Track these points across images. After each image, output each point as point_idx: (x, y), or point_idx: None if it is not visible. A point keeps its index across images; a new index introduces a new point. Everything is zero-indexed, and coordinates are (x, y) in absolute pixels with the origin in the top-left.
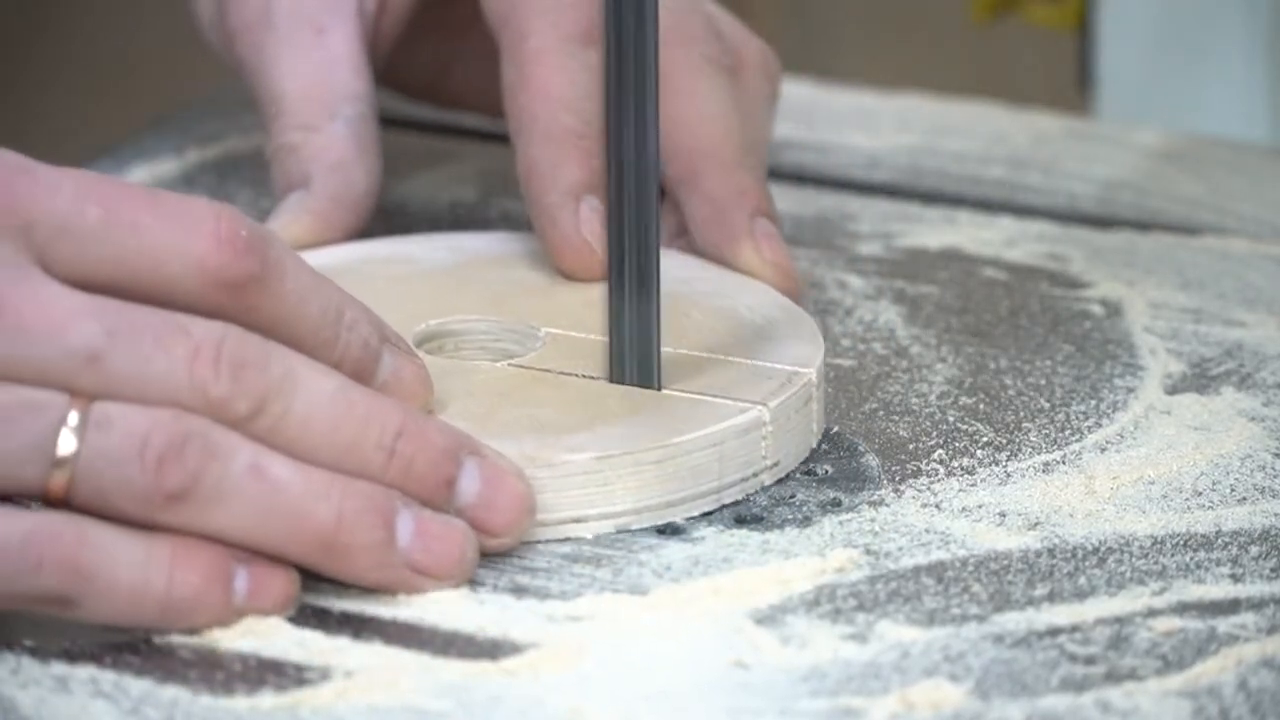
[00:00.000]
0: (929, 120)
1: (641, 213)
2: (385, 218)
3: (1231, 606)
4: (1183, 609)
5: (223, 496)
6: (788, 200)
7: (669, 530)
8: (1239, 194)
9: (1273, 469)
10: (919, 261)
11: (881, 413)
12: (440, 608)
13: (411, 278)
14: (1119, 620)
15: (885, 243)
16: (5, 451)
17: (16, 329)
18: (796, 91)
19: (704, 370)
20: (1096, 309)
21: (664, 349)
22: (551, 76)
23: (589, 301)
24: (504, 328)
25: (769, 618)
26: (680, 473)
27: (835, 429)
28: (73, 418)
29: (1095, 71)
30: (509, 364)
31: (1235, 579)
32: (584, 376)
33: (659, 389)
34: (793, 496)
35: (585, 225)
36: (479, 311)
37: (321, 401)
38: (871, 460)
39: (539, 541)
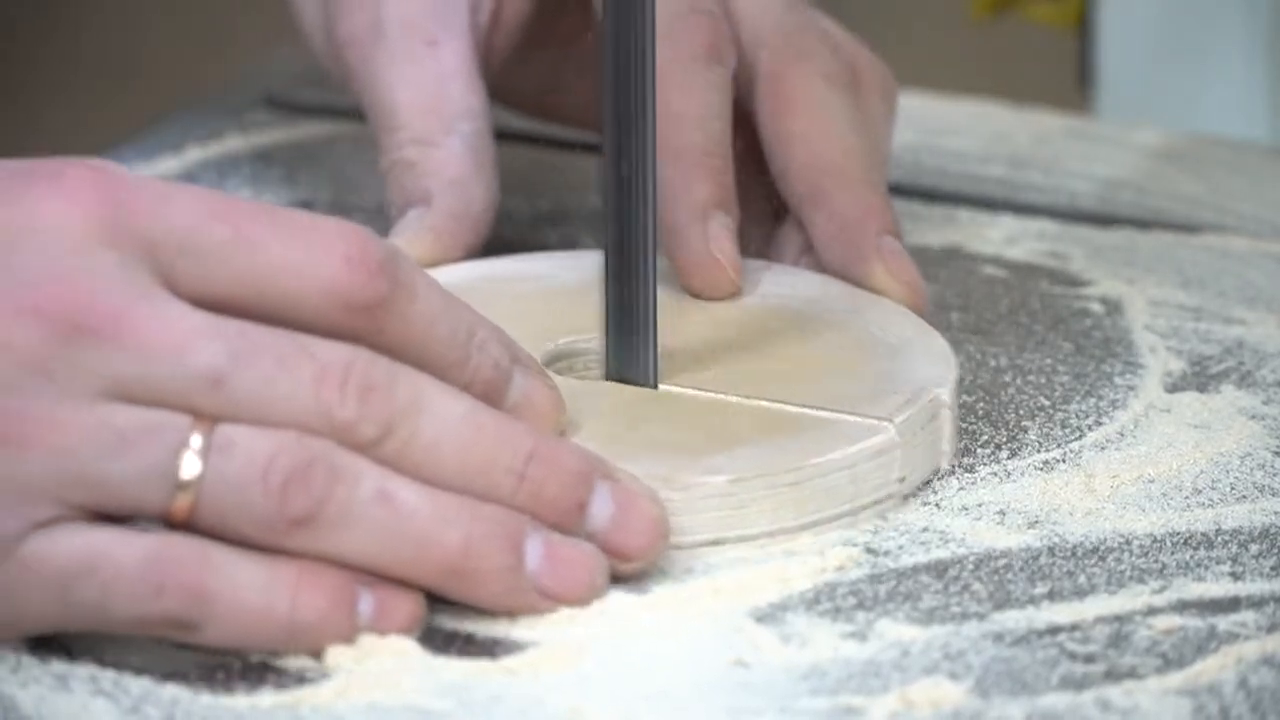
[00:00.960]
0: (929, 119)
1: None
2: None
3: (1231, 605)
4: (1183, 607)
5: (348, 521)
6: None
7: None
8: (1239, 193)
9: (1273, 467)
10: (919, 260)
11: None
12: (441, 607)
13: (538, 296)
14: (1119, 619)
15: None
16: (128, 473)
17: (139, 348)
18: None
19: (836, 388)
20: (1097, 307)
21: (791, 367)
22: (676, 95)
23: (717, 320)
24: None
25: (769, 616)
26: (815, 495)
27: None
28: (196, 440)
29: (1095, 71)
30: (634, 385)
31: (1235, 577)
32: (714, 395)
33: (655, 386)
34: None
35: (715, 242)
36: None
37: (450, 425)
38: None
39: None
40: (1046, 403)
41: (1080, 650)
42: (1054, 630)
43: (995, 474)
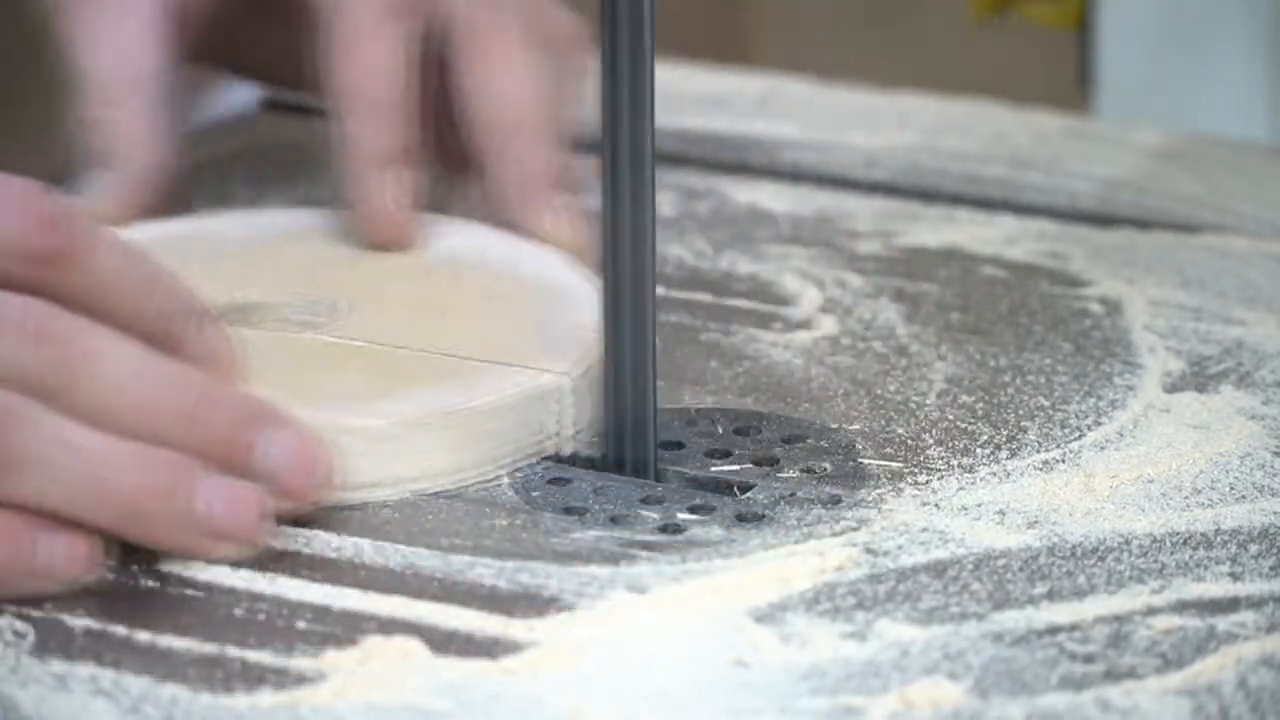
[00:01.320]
0: (929, 119)
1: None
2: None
3: (1231, 605)
4: (1182, 607)
5: (26, 465)
6: (787, 199)
7: (669, 529)
8: (1239, 193)
9: (1272, 467)
10: (919, 260)
11: (881, 411)
12: (440, 607)
13: (217, 254)
14: (1118, 619)
15: (885, 241)
16: None
17: None
18: (796, 91)
19: (502, 340)
20: (1096, 307)
21: (466, 322)
22: (365, 48)
23: (393, 273)
24: (309, 301)
25: (769, 616)
26: (479, 439)
27: (835, 426)
28: None
29: (1095, 71)
30: (313, 336)
31: (1234, 577)
32: (388, 345)
33: (654, 408)
34: (792, 495)
35: (391, 195)
36: (284, 285)
37: (125, 372)
38: (871, 459)
39: (344, 507)
40: (1046, 403)
41: (1080, 650)
42: (1054, 630)
43: (995, 474)
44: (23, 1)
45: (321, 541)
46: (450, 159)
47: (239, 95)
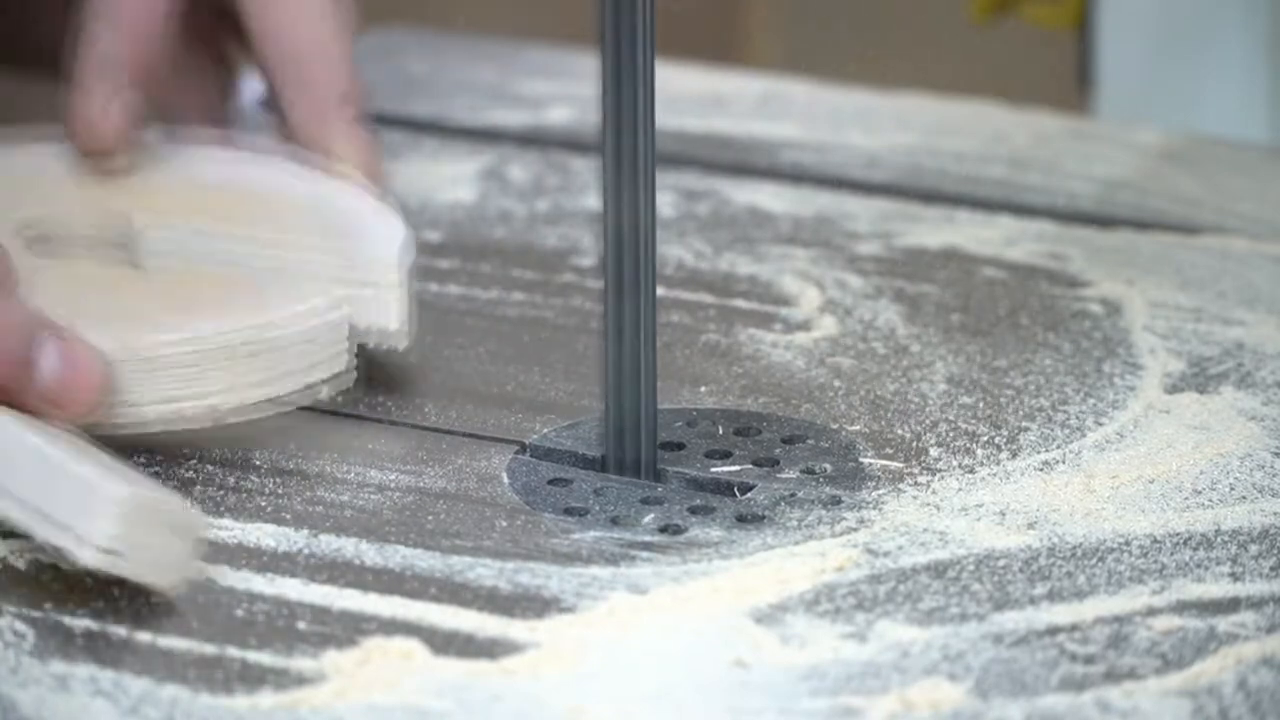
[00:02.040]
0: (929, 120)
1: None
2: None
3: (1231, 605)
4: (1182, 608)
5: None
6: (787, 200)
7: (670, 529)
8: (1239, 193)
9: (1272, 468)
10: (919, 261)
11: (881, 412)
12: (440, 607)
13: (12, 178)
14: (1118, 619)
15: (885, 242)
16: None
17: None
18: (796, 91)
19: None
20: (1096, 308)
21: (264, 236)
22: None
23: (185, 203)
24: (104, 225)
25: (769, 617)
26: (271, 362)
27: (835, 427)
28: None
29: (1095, 71)
30: (106, 258)
31: (1235, 578)
32: (183, 268)
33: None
34: (793, 495)
35: (111, 107)
36: (81, 210)
37: None
38: (871, 459)
39: (127, 428)
40: (1046, 403)
41: (1080, 651)
42: (1054, 631)
43: (995, 474)
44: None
45: (322, 542)
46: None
47: None
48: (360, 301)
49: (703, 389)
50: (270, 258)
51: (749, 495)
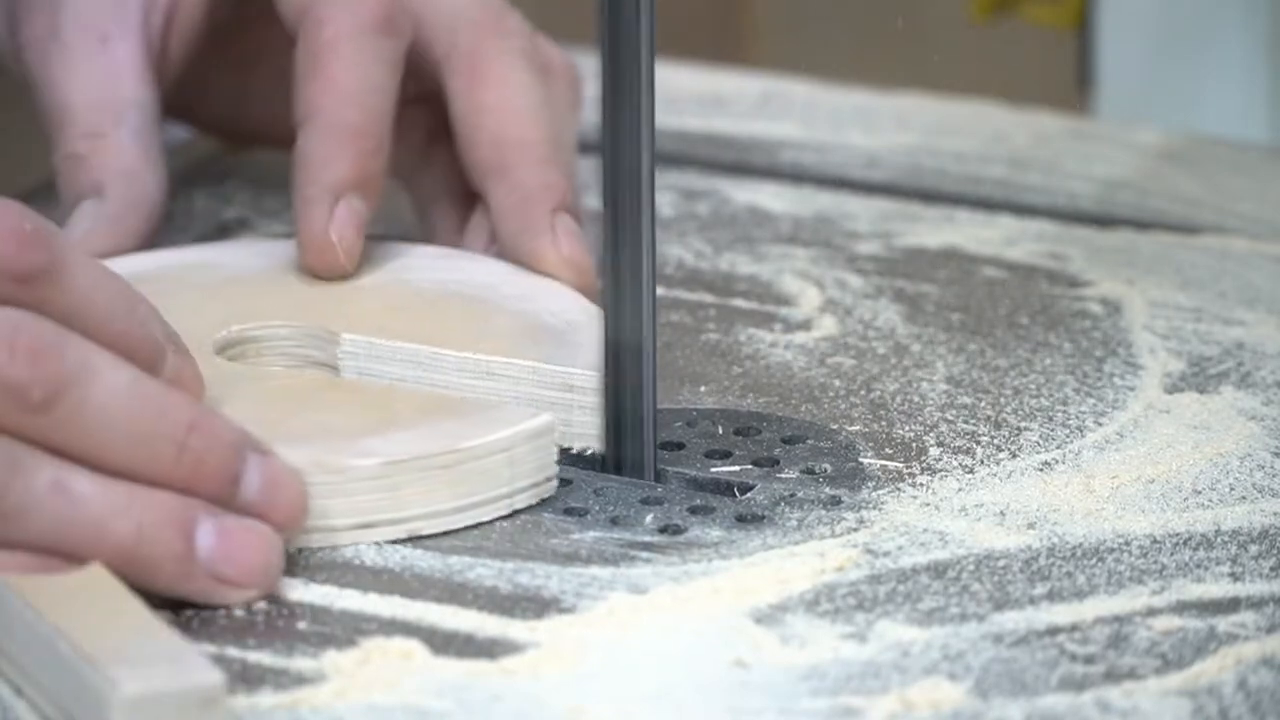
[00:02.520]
0: (929, 120)
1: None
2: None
3: (1231, 605)
4: (1182, 608)
5: (25, 512)
6: (787, 199)
7: (669, 529)
8: (1239, 193)
9: (1272, 468)
10: (918, 261)
11: (881, 412)
12: (440, 607)
13: (216, 284)
14: (1118, 619)
15: (885, 242)
16: None
17: None
18: (796, 91)
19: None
20: (1096, 308)
21: (463, 354)
22: (343, 67)
23: (390, 307)
24: (305, 333)
25: (769, 617)
26: (470, 478)
27: (835, 427)
28: None
29: (1095, 71)
30: (305, 369)
31: (1235, 578)
32: (379, 381)
33: (654, 408)
34: (792, 495)
35: (336, 224)
36: (282, 317)
37: (118, 392)
38: (871, 459)
39: (330, 548)
40: (1046, 403)
41: (1080, 651)
42: (1054, 631)
43: (995, 474)
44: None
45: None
46: (442, 190)
47: None
48: (562, 409)
49: (703, 389)
50: (472, 368)
51: (749, 495)
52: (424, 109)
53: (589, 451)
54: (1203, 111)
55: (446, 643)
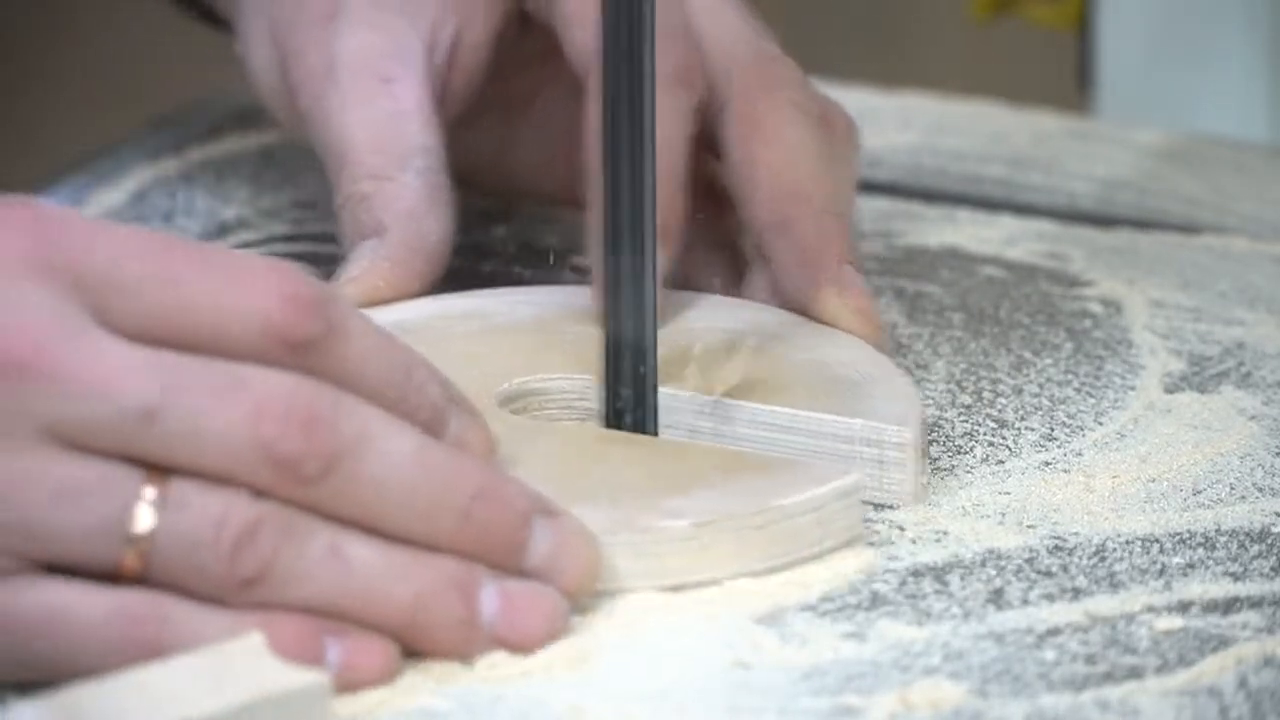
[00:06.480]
0: (929, 119)
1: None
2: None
3: (1231, 605)
4: (1182, 608)
5: (299, 579)
6: None
7: None
8: (1239, 193)
9: (1272, 468)
10: (919, 260)
11: None
12: None
13: (491, 334)
14: (1118, 619)
15: (885, 241)
16: (77, 527)
17: (70, 384)
18: None
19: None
20: (1096, 308)
21: (762, 406)
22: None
23: (679, 358)
24: (589, 385)
25: (769, 617)
26: (781, 537)
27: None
28: (149, 493)
29: (1095, 71)
30: (594, 423)
31: (1235, 578)
32: (672, 437)
33: (655, 433)
34: None
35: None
36: (563, 369)
37: (395, 463)
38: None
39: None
40: (1047, 403)
41: (1080, 650)
42: (1054, 630)
43: (995, 474)
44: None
45: None
46: (720, 244)
47: None
48: (868, 464)
49: None
50: (773, 423)
51: None
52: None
53: (903, 496)
54: (1203, 111)
55: None
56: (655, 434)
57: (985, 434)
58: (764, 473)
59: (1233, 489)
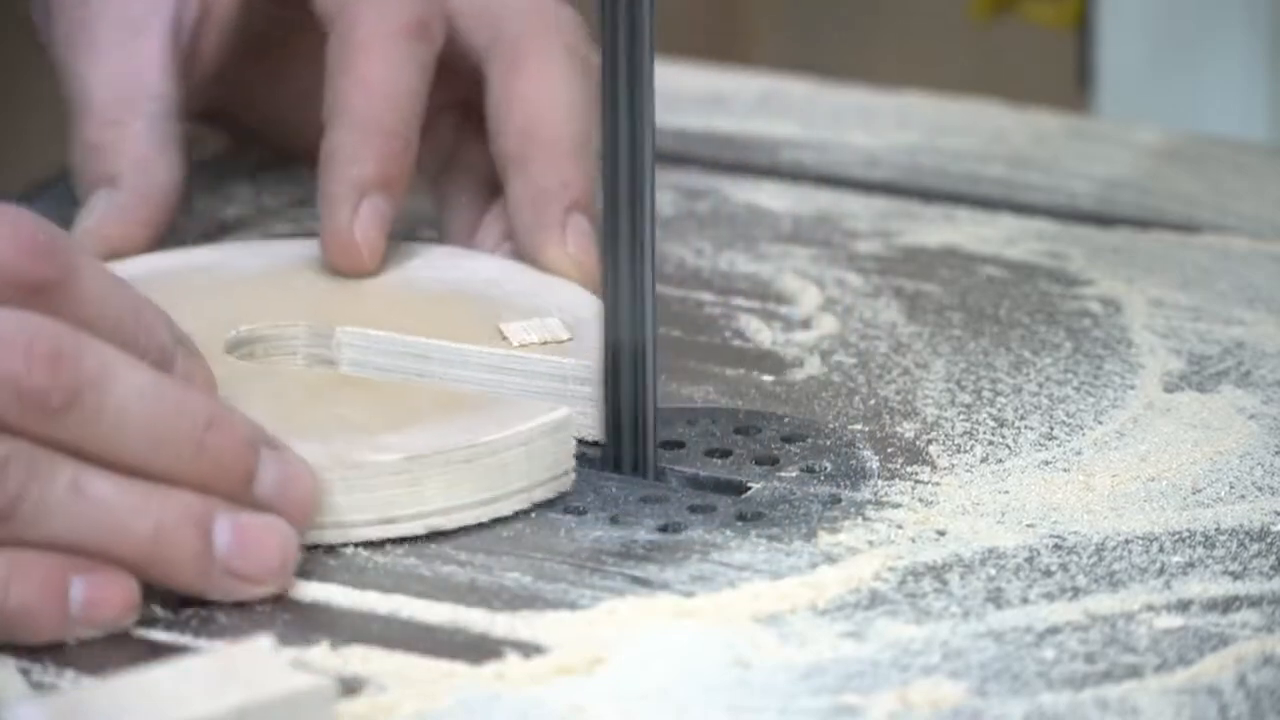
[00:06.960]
0: (929, 119)
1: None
2: None
3: (1231, 604)
4: (1182, 607)
5: (45, 515)
6: (787, 198)
7: (670, 528)
8: (1239, 193)
9: (1272, 467)
10: (919, 259)
11: (881, 410)
12: (441, 607)
13: (224, 284)
14: (1118, 618)
15: (885, 241)
16: None
17: None
18: (796, 90)
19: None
20: (1096, 307)
21: (480, 348)
22: (375, 67)
23: (398, 303)
24: (314, 332)
25: (769, 616)
26: (490, 472)
27: (835, 425)
28: None
29: (1095, 71)
30: (317, 367)
31: (1234, 577)
32: (393, 376)
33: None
34: (792, 494)
35: (360, 222)
36: (290, 316)
37: (136, 393)
38: (871, 457)
39: (332, 547)
40: (1046, 402)
41: (1080, 650)
42: (1053, 629)
43: (995, 474)
44: (22, 6)
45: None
46: (474, 189)
47: None
48: (576, 402)
49: (703, 388)
50: (484, 361)
51: (749, 494)
52: (453, 114)
53: (592, 440)
54: (1203, 111)
55: (447, 641)
56: (655, 432)
57: (985, 433)
58: (478, 410)
59: (1232, 488)
